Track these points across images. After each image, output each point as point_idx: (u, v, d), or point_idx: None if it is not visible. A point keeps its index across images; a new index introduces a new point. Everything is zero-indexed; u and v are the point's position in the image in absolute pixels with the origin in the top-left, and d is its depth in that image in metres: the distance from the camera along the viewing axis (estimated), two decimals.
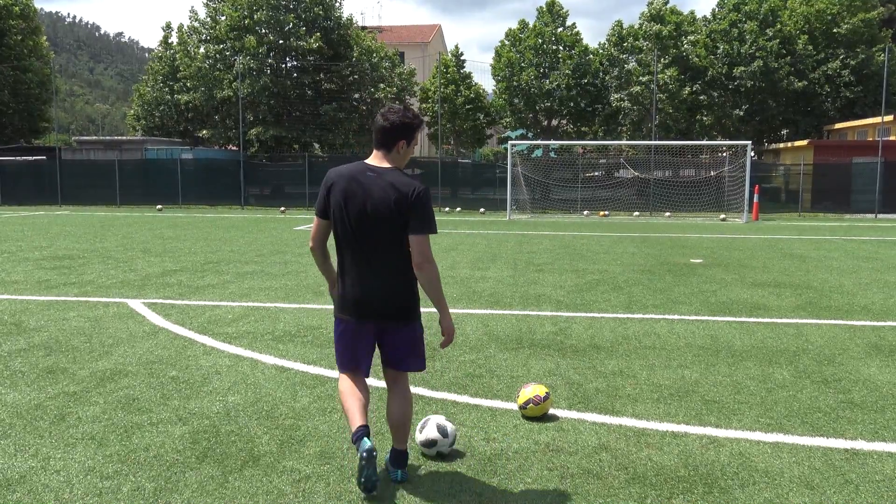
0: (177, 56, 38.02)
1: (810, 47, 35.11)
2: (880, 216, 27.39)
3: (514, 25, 39.63)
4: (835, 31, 35.39)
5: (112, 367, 5.55)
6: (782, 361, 5.83)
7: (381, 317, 3.48)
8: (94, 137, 48.13)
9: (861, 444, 4.09)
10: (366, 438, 3.36)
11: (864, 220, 25.60)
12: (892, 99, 34.54)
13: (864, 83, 35.15)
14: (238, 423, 4.36)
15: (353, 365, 3.58)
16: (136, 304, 8.16)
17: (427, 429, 3.86)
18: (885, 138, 29.31)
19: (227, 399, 4.81)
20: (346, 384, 3.59)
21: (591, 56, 37.43)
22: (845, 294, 9.15)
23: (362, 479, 3.33)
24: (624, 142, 33.68)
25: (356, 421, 3.44)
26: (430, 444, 3.85)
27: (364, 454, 3.31)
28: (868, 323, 7.39)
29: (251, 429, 4.27)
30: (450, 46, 45.14)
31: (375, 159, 3.48)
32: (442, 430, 3.85)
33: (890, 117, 30.13)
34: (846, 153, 29.79)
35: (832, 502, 3.40)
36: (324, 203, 3.50)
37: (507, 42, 39.10)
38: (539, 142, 35.31)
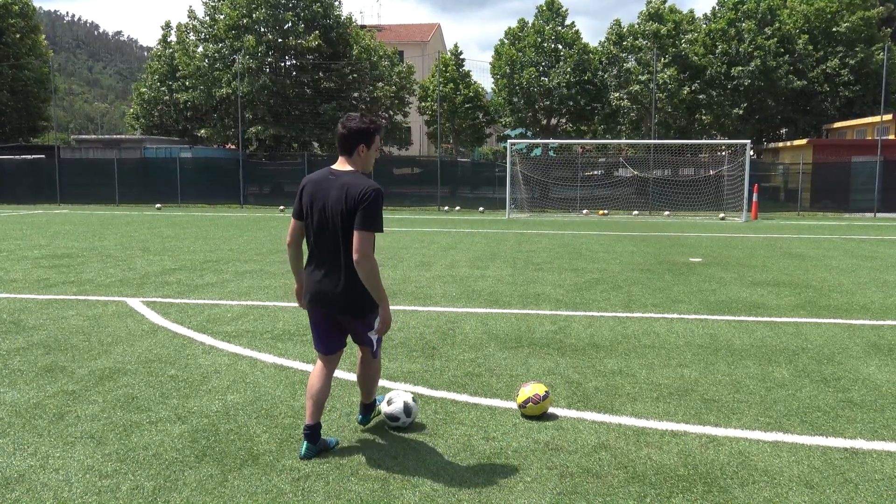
0: (175, 55, 37.99)
1: (809, 46, 35.10)
2: (879, 215, 27.40)
3: (514, 24, 39.59)
4: (834, 29, 35.39)
5: (111, 366, 5.54)
6: (781, 360, 5.83)
7: (335, 310, 3.82)
8: (93, 136, 48.11)
9: (860, 443, 4.09)
10: (305, 443, 3.84)
11: (863, 219, 25.61)
12: (891, 98, 34.54)
13: (863, 82, 35.16)
14: (237, 422, 4.35)
15: (323, 350, 3.96)
16: (135, 303, 8.15)
17: (394, 404, 4.20)
18: (884, 137, 29.32)
19: (227, 398, 4.81)
20: (312, 377, 3.97)
21: (591, 55, 37.41)
22: (844, 293, 9.15)
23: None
24: (623, 141, 33.70)
25: (307, 418, 3.90)
26: (393, 418, 4.19)
27: (301, 456, 3.84)
28: (867, 322, 7.39)
29: (250, 427, 4.27)
30: (449, 45, 45.15)
31: (339, 164, 3.83)
32: (406, 410, 4.20)
33: (889, 116, 30.15)
34: (845, 152, 29.81)
35: (831, 501, 3.39)
36: (298, 205, 3.87)
37: (506, 41, 39.08)
38: (538, 140, 35.30)
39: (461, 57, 41.21)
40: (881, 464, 3.82)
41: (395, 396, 4.25)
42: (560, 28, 38.22)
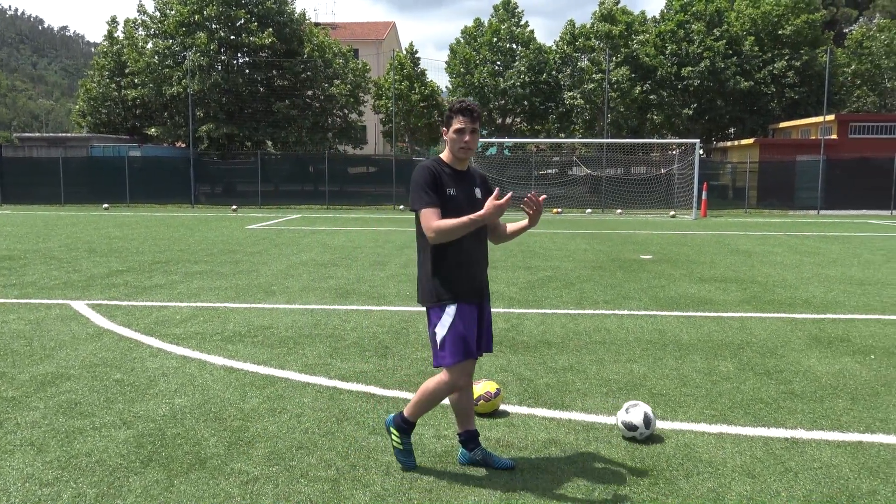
0: (124, 50, 37.09)
1: (756, 48, 36.02)
2: (822, 212, 28.27)
3: (470, 24, 39.69)
4: (779, 32, 36.38)
5: (53, 371, 5.39)
6: (727, 354, 5.97)
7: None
8: (37, 134, 46.70)
9: (801, 433, 4.21)
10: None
11: (807, 217, 26.40)
12: (834, 99, 35.67)
13: (807, 83, 36.23)
14: (185, 426, 4.28)
15: None
16: (80, 306, 7.94)
17: (633, 413, 4.08)
18: (827, 137, 30.26)
19: (174, 401, 4.72)
20: None
21: (546, 55, 37.75)
22: (788, 288, 9.42)
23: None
24: (577, 140, 34.07)
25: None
26: (631, 427, 4.07)
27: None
28: (809, 316, 7.62)
29: (198, 431, 4.20)
30: (405, 44, 45.01)
31: None
32: (647, 420, 4.05)
33: (831, 117, 31.14)
34: (790, 151, 30.69)
35: (772, 490, 3.49)
36: None
37: (462, 39, 39.16)
38: (493, 139, 35.46)
39: (417, 56, 41.15)
40: (820, 452, 3.94)
41: (635, 406, 4.11)
42: (515, 28, 38.47)
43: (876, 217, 26.23)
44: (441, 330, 3.51)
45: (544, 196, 3.53)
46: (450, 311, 3.50)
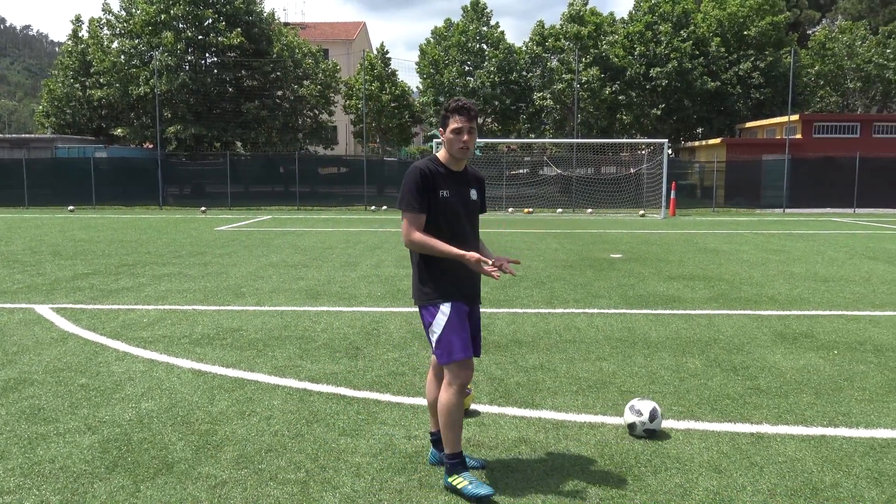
0: (89, 50, 36.48)
1: (722, 49, 36.57)
2: (787, 211, 28.78)
3: (440, 24, 39.74)
4: (745, 33, 36.98)
5: (16, 376, 5.27)
6: (695, 351, 6.05)
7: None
8: (0, 135, 45.70)
9: (766, 428, 4.28)
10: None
11: (773, 215, 26.86)
12: (798, 99, 36.34)
13: (772, 84, 36.87)
14: (151, 430, 4.21)
15: None
16: (44, 310, 7.79)
17: (657, 422, 4.12)
18: (792, 136, 30.82)
19: (140, 406, 4.65)
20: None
21: (516, 55, 37.92)
22: (754, 285, 9.57)
23: None
24: (547, 140, 34.24)
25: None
26: (637, 413, 4.13)
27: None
28: (774, 312, 7.75)
29: (165, 435, 4.14)
30: (375, 44, 44.89)
31: None
32: (652, 414, 4.10)
33: (796, 116, 31.72)
34: (757, 151, 31.22)
35: (738, 484, 3.54)
36: None
37: (432, 40, 39.17)
38: None
39: (387, 56, 41.07)
40: (784, 447, 4.01)
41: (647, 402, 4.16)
42: (485, 28, 38.57)
43: (839, 215, 26.78)
44: (437, 329, 3.50)
45: (513, 268, 3.59)
46: (444, 310, 3.49)
